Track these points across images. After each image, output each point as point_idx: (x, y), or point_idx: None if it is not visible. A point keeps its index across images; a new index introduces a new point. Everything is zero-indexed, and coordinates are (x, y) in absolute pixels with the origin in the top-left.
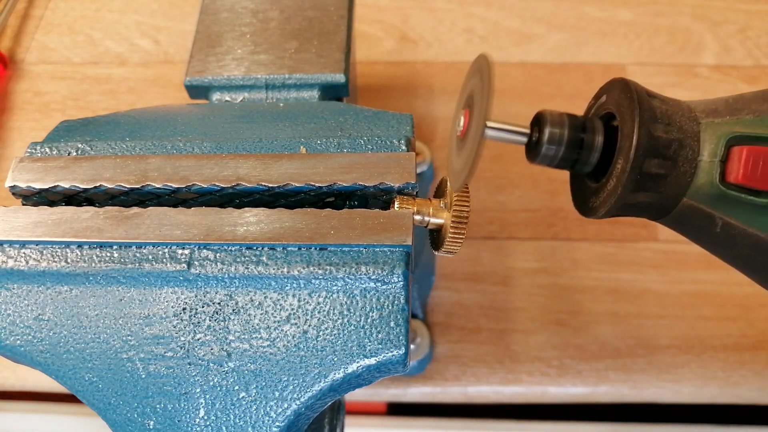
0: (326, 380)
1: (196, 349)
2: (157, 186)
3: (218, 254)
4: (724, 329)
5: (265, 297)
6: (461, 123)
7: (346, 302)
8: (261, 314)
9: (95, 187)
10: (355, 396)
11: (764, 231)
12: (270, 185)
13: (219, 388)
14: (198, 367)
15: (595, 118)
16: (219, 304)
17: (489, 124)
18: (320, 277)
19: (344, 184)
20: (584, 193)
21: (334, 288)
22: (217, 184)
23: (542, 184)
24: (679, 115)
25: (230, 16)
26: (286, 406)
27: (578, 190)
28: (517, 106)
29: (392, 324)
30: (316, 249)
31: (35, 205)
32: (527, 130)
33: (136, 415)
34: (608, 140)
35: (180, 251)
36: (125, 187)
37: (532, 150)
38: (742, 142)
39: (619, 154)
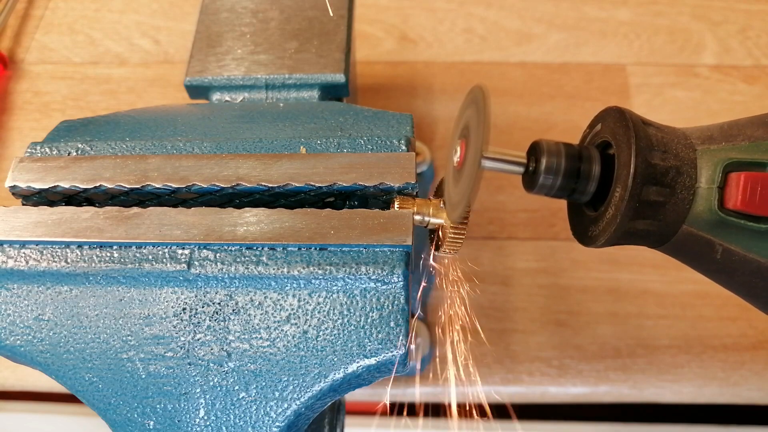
0: (326, 380)
1: (196, 349)
2: (157, 186)
3: (218, 254)
4: (724, 329)
5: (265, 297)
6: (458, 154)
7: (346, 302)
8: (261, 314)
9: (95, 187)
10: (355, 396)
11: (765, 257)
12: (270, 185)
13: (219, 388)
14: (198, 367)
15: (591, 147)
16: (219, 304)
17: (486, 154)
18: (320, 277)
19: (344, 184)
20: (583, 222)
21: (334, 288)
22: (217, 184)
23: None
24: (675, 142)
25: (230, 16)
26: (286, 406)
27: (577, 219)
28: (517, 106)
29: (392, 324)
30: (316, 249)
31: (35, 205)
32: (524, 160)
33: (136, 415)
34: (605, 169)
35: (180, 251)
36: (125, 187)
37: (530, 180)
38: (739, 168)
39: (617, 183)
